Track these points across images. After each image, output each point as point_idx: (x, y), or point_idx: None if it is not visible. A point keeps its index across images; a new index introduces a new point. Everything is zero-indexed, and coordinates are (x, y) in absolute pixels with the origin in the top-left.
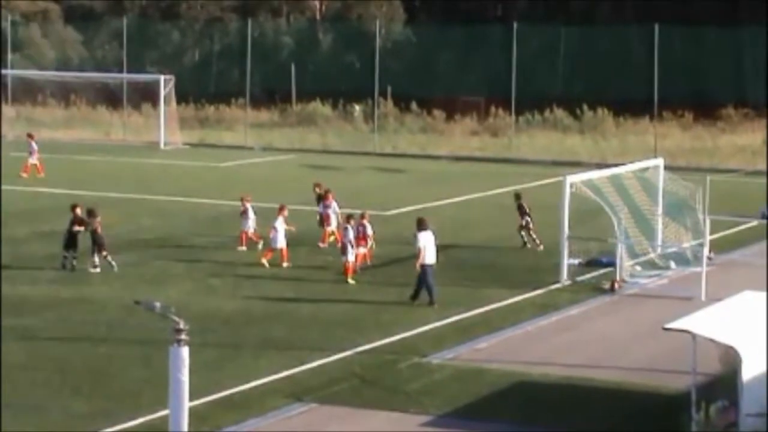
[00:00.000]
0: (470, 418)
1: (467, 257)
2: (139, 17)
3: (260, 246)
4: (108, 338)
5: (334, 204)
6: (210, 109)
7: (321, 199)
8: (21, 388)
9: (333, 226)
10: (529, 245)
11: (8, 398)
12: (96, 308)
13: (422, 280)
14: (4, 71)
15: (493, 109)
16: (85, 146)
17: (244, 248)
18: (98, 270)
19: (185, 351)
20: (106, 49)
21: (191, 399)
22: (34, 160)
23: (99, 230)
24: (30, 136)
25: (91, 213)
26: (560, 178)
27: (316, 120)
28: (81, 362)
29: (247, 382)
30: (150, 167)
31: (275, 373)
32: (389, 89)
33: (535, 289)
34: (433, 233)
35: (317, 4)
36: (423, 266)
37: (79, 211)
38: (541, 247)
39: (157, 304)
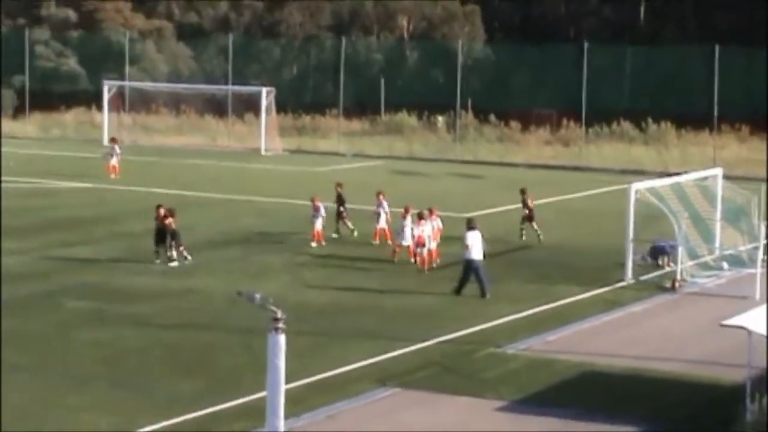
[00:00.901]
0: (541, 404)
1: (540, 256)
2: (244, 35)
3: (323, 243)
4: (213, 326)
5: (384, 204)
6: (307, 119)
7: (340, 197)
8: (134, 370)
9: (382, 224)
10: (524, 237)
11: (123, 378)
12: (202, 298)
13: (467, 274)
14: (122, 83)
15: (564, 121)
16: (193, 151)
17: (314, 245)
18: (176, 264)
19: (282, 338)
20: (213, 63)
21: (287, 382)
22: (114, 161)
23: (174, 227)
24: (113, 140)
25: (169, 212)
26: (626, 186)
27: (403, 129)
28: (188, 347)
29: (338, 367)
30: (251, 171)
31: (363, 360)
32: (470, 102)
33: (601, 286)
34: (482, 233)
35: (405, 23)
36: (470, 261)
37: (162, 210)
38: (542, 237)
39: (258, 296)
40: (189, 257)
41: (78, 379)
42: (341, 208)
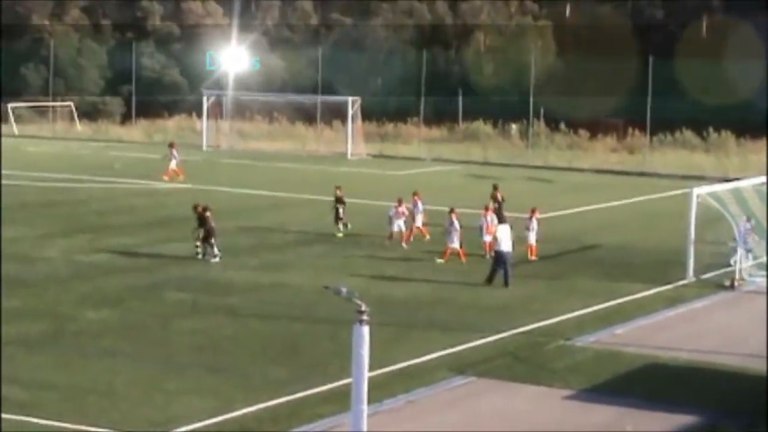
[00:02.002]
0: (607, 393)
1: (607, 256)
2: (332, 48)
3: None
4: (301, 317)
5: (419, 204)
6: (389, 126)
7: (339, 200)
8: (230, 357)
9: (419, 222)
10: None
11: (219, 364)
12: (291, 291)
13: (497, 264)
14: (220, 92)
15: (630, 129)
16: (284, 156)
17: (405, 245)
18: (218, 259)
19: (366, 330)
20: (304, 74)
21: (370, 370)
22: (173, 165)
23: (212, 223)
24: (171, 145)
25: (206, 209)
26: (688, 190)
27: (479, 137)
28: (279, 336)
29: (417, 357)
30: (338, 174)
31: (441, 350)
32: (542, 111)
33: (665, 284)
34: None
35: (482, 38)
36: (499, 253)
37: (200, 209)
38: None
39: (344, 289)
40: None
41: (177, 365)
42: (339, 209)
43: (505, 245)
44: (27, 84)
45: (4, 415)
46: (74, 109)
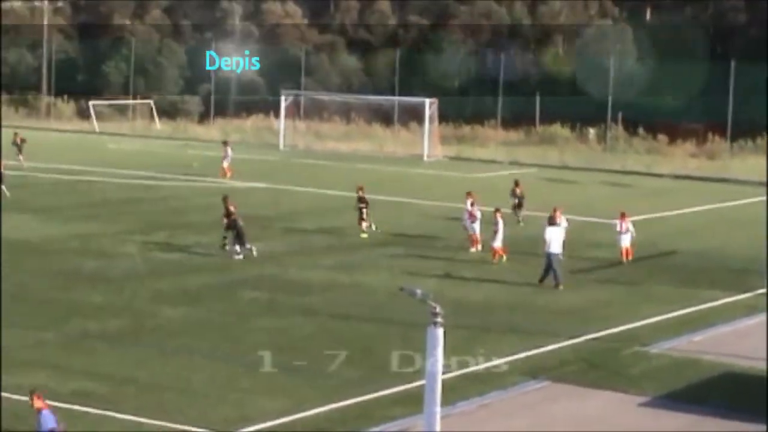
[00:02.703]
0: (683, 401)
1: (685, 262)
2: (410, 50)
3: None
4: (375, 318)
5: (500, 222)
6: (466, 128)
7: (362, 200)
8: (306, 356)
9: (498, 242)
10: (521, 223)
11: (293, 363)
12: (366, 292)
13: (549, 265)
14: (298, 93)
15: (710, 135)
16: (361, 156)
17: (474, 250)
18: (241, 257)
19: (440, 332)
20: (381, 75)
21: (443, 373)
22: (226, 164)
23: (239, 221)
24: (225, 143)
25: (227, 202)
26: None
27: (556, 140)
28: (353, 336)
29: (491, 360)
30: (414, 175)
31: (514, 354)
32: (620, 115)
33: (744, 292)
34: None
35: (560, 41)
36: (549, 254)
37: (228, 205)
38: (521, 224)
39: (418, 291)
40: (252, 250)
41: (252, 363)
42: (363, 208)
43: (555, 247)
44: (108, 82)
45: (86, 409)
46: (153, 107)
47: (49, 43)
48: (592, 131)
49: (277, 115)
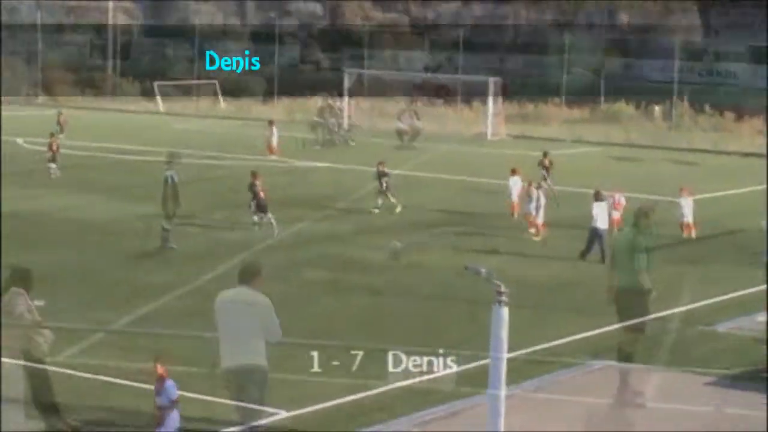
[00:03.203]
0: (748, 380)
1: (750, 241)
2: (473, 28)
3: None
4: (439, 297)
5: (541, 195)
6: (530, 107)
7: (382, 175)
8: (367, 336)
9: (540, 218)
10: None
11: (357, 343)
12: (430, 271)
13: (592, 241)
14: (361, 71)
15: None
16: (424, 135)
17: (533, 230)
18: (257, 229)
19: (505, 311)
20: (444, 53)
21: (507, 352)
22: (274, 142)
23: (261, 194)
24: (271, 122)
25: (254, 176)
26: None
27: (621, 118)
28: (417, 316)
29: (554, 340)
30: (477, 154)
31: (577, 333)
32: (686, 93)
33: None
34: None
35: (626, 18)
36: (595, 229)
37: (253, 177)
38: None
39: (483, 270)
40: (275, 224)
41: (315, 343)
42: (383, 183)
43: (601, 222)
44: (172, 63)
45: (150, 386)
46: (218, 87)
47: (114, 26)
48: (657, 109)
49: (340, 93)
